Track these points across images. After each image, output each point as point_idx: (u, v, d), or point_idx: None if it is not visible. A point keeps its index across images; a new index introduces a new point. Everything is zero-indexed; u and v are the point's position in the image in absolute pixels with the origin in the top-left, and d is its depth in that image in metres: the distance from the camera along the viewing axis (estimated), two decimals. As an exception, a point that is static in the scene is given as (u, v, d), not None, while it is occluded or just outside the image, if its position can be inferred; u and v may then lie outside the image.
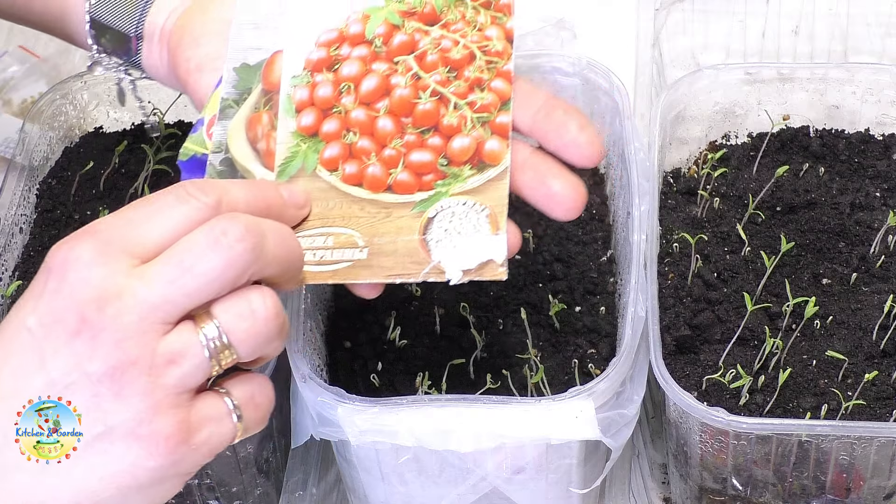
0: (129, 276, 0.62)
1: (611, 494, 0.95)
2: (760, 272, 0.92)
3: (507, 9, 0.80)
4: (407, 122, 0.77)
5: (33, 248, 0.97)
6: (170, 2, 0.84)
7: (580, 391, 0.79)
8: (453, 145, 0.76)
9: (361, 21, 0.80)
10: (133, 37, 0.85)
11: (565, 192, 0.74)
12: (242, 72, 0.80)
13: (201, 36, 0.81)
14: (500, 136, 0.76)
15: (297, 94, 0.79)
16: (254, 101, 0.79)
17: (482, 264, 0.73)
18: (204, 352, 0.62)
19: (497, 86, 0.77)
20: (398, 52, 0.79)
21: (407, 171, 0.76)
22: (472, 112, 0.77)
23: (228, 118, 0.79)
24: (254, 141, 0.78)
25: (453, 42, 0.79)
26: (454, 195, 0.75)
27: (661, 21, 1.17)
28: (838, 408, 0.84)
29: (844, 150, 1.01)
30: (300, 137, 0.78)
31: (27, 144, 1.00)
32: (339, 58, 0.79)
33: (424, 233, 0.74)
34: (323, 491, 0.96)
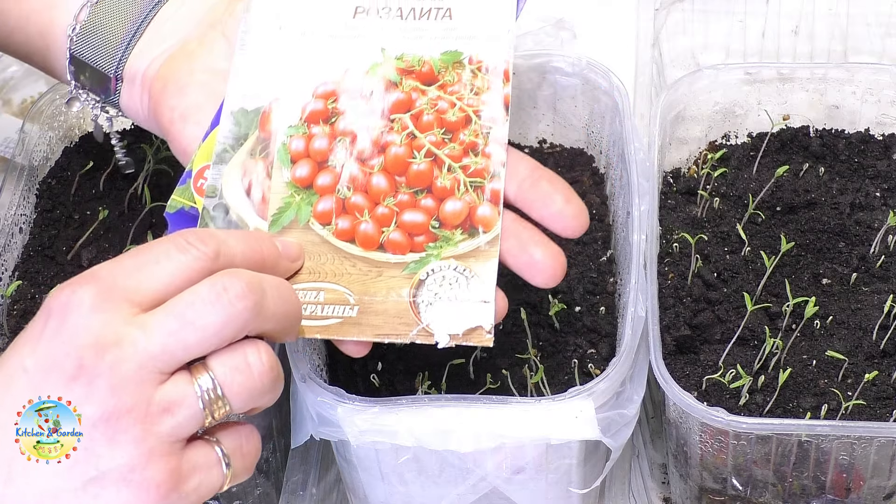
0: (129, 324, 0.63)
1: (611, 494, 0.95)
2: (760, 272, 0.92)
3: (504, 74, 0.80)
4: (401, 182, 0.78)
5: (33, 248, 0.97)
6: (153, 47, 0.83)
7: (580, 391, 0.79)
8: (446, 208, 0.77)
9: (359, 76, 0.81)
10: (112, 77, 0.84)
11: (546, 261, 0.75)
12: (240, 116, 0.80)
13: (187, 85, 0.81)
14: (493, 202, 0.77)
15: (293, 143, 0.79)
16: (250, 146, 0.79)
17: (470, 330, 0.74)
18: (198, 403, 0.64)
19: (491, 151, 0.78)
20: (395, 109, 0.80)
21: (399, 231, 0.77)
22: (466, 176, 0.77)
23: (224, 163, 0.79)
24: (248, 188, 0.78)
25: (450, 104, 0.79)
26: (445, 259, 0.76)
27: (661, 21, 1.17)
28: (838, 408, 0.84)
29: (844, 150, 1.01)
30: (294, 188, 0.78)
31: (27, 144, 1.00)
32: (336, 111, 0.80)
33: (415, 295, 0.75)
34: (323, 491, 0.96)
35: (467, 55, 0.80)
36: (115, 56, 0.84)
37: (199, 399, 0.63)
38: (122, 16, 0.84)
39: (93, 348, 0.62)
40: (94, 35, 0.84)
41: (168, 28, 0.84)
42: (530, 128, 1.03)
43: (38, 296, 0.93)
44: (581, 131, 1.02)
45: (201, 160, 0.79)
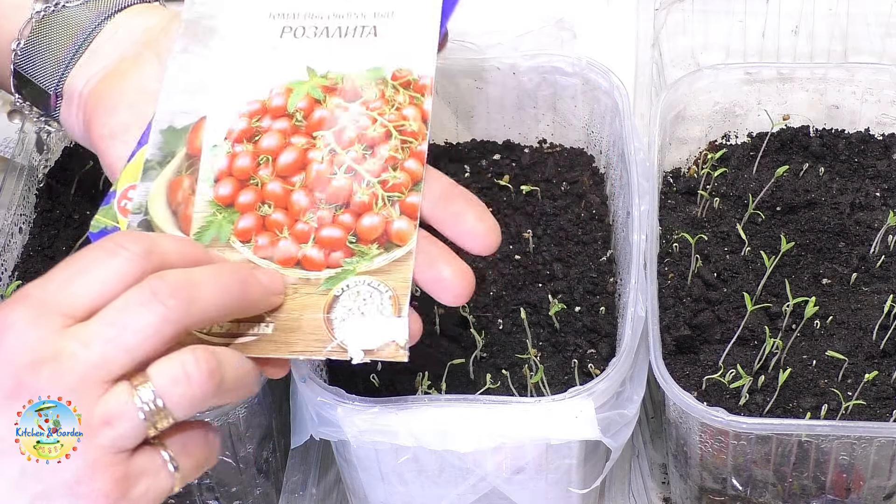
0: (65, 337, 0.63)
1: (611, 494, 0.95)
2: (760, 272, 0.92)
3: (425, 90, 0.81)
4: (321, 198, 0.78)
5: (33, 248, 0.97)
6: (90, 66, 0.83)
7: (580, 391, 0.79)
8: (363, 223, 0.77)
9: (284, 94, 0.81)
10: (52, 94, 0.84)
11: (454, 279, 0.75)
12: (168, 134, 0.80)
13: (117, 105, 0.81)
14: (409, 216, 0.77)
15: (216, 163, 0.79)
16: (177, 164, 0.80)
17: (384, 345, 0.74)
18: (139, 414, 0.63)
19: (410, 166, 0.78)
20: (317, 126, 0.80)
21: (316, 247, 0.77)
22: (384, 191, 0.78)
23: (151, 180, 0.79)
24: (174, 205, 0.79)
25: (371, 120, 0.80)
26: (360, 274, 0.76)
27: (661, 21, 1.17)
28: (838, 408, 0.84)
29: (844, 150, 1.01)
30: (216, 207, 0.78)
31: (27, 144, 1.00)
32: (260, 129, 0.80)
33: (329, 311, 0.75)
34: (323, 491, 0.96)
35: (390, 71, 0.81)
36: (56, 74, 0.84)
37: (140, 411, 0.63)
38: (64, 34, 0.84)
39: (30, 366, 0.62)
40: (37, 52, 0.84)
41: (108, 47, 0.84)
42: (530, 128, 1.03)
43: (38, 296, 0.93)
44: (581, 131, 1.02)
45: (126, 180, 0.79)
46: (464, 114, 1.03)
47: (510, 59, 0.99)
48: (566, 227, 0.97)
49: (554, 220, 0.97)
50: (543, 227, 0.97)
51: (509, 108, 1.02)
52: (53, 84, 0.84)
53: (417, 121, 0.80)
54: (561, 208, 0.98)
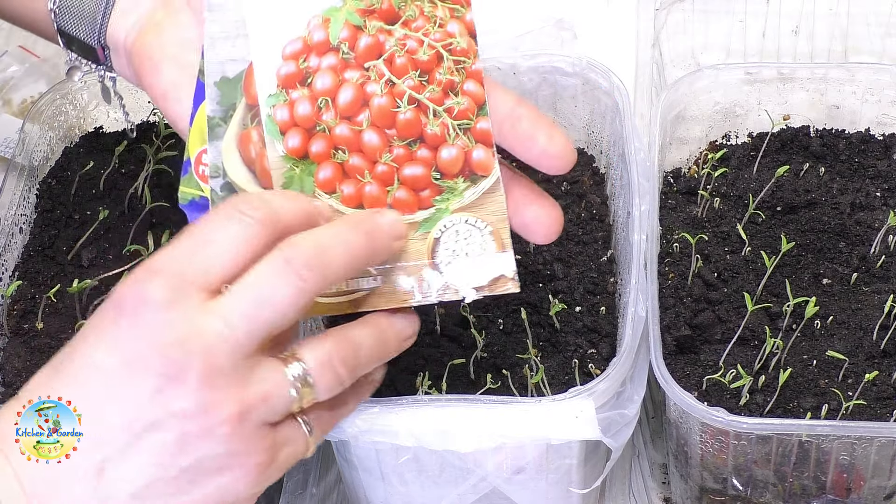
0: (207, 313, 0.63)
1: (611, 494, 0.95)
2: (761, 272, 0.92)
3: (464, 0, 0.78)
4: (391, 134, 0.76)
5: (33, 248, 0.97)
6: (126, 18, 0.83)
7: (580, 391, 0.79)
8: (442, 156, 0.76)
9: (323, 26, 0.78)
10: (99, 47, 0.84)
11: (543, 220, 0.76)
12: (223, 86, 0.78)
13: (160, 62, 0.80)
14: (484, 143, 0.76)
15: (277, 114, 0.77)
16: (240, 116, 0.78)
17: (494, 280, 0.74)
18: (291, 392, 0.65)
19: (470, 89, 0.77)
20: (366, 56, 0.77)
21: (404, 189, 0.76)
22: (452, 119, 0.76)
23: (219, 138, 0.77)
24: (248, 161, 0.77)
25: (418, 42, 0.77)
26: (455, 212, 0.75)
27: (661, 21, 1.17)
28: (839, 408, 0.84)
29: (844, 150, 1.01)
30: (291, 161, 0.76)
31: (27, 144, 1.00)
32: (310, 70, 0.77)
33: (433, 256, 0.75)
34: (323, 491, 0.96)
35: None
36: (94, 28, 0.84)
37: (293, 388, 0.65)
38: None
39: (178, 345, 0.62)
40: (71, 8, 0.84)
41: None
42: (530, 128, 1.03)
43: (38, 296, 0.93)
44: (581, 131, 1.02)
45: (195, 146, 0.78)
46: (464, 114, 1.03)
47: (510, 59, 0.99)
48: (566, 227, 0.96)
49: (554, 220, 0.97)
50: (544, 227, 0.97)
51: (509, 108, 1.02)
52: (95, 38, 0.84)
53: (465, 36, 0.77)
54: (561, 208, 0.98)
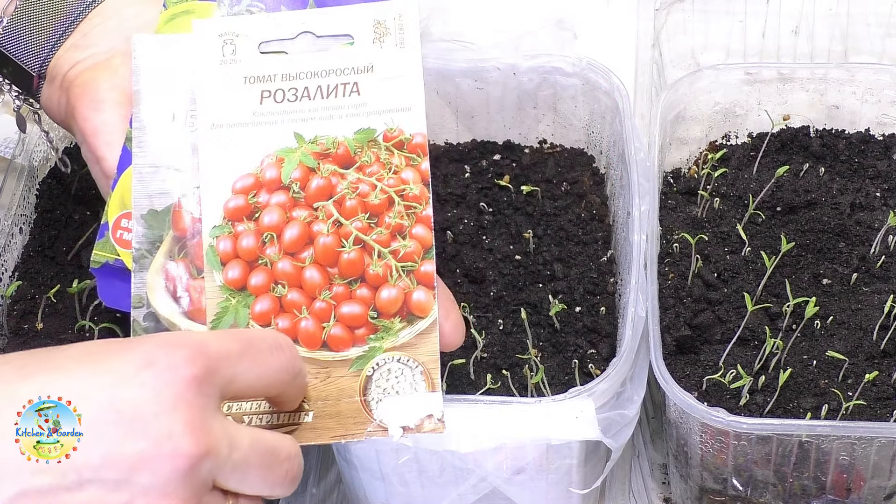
0: (217, 422, 0.62)
1: (611, 494, 0.95)
2: (760, 272, 0.92)
3: (420, 149, 0.80)
4: (333, 273, 0.77)
5: (33, 248, 0.97)
6: (78, 52, 0.82)
7: (580, 391, 0.79)
8: (381, 297, 0.77)
9: (276, 165, 0.79)
10: (35, 76, 0.84)
11: (450, 333, 0.79)
12: (150, 219, 0.79)
13: (103, 101, 0.80)
14: (426, 286, 0.77)
15: (220, 245, 0.78)
16: (167, 248, 0.78)
17: (422, 420, 0.75)
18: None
19: (418, 233, 0.78)
20: (317, 197, 0.78)
21: (339, 326, 0.77)
22: (397, 261, 0.77)
23: (144, 269, 0.78)
24: (173, 292, 0.78)
25: (370, 186, 0.79)
26: (388, 350, 0.76)
27: (661, 21, 1.17)
28: (839, 408, 0.84)
29: (844, 150, 1.01)
30: (229, 291, 0.77)
31: (27, 144, 1.00)
32: (259, 205, 0.78)
33: (364, 393, 0.76)
34: (323, 491, 0.96)
35: (380, 132, 0.80)
36: (41, 55, 0.83)
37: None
38: (50, 13, 0.83)
39: (188, 432, 0.61)
40: (21, 31, 0.83)
41: (97, 34, 0.83)
42: (530, 128, 1.03)
43: (38, 296, 0.93)
44: (581, 131, 1.02)
45: (115, 211, 0.79)
46: (464, 114, 1.03)
47: (510, 59, 0.99)
48: (566, 228, 0.97)
49: (554, 221, 0.97)
50: (544, 227, 0.97)
51: (509, 109, 1.02)
52: (37, 65, 0.83)
53: (418, 184, 0.79)
54: (561, 208, 0.98)
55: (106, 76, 0.81)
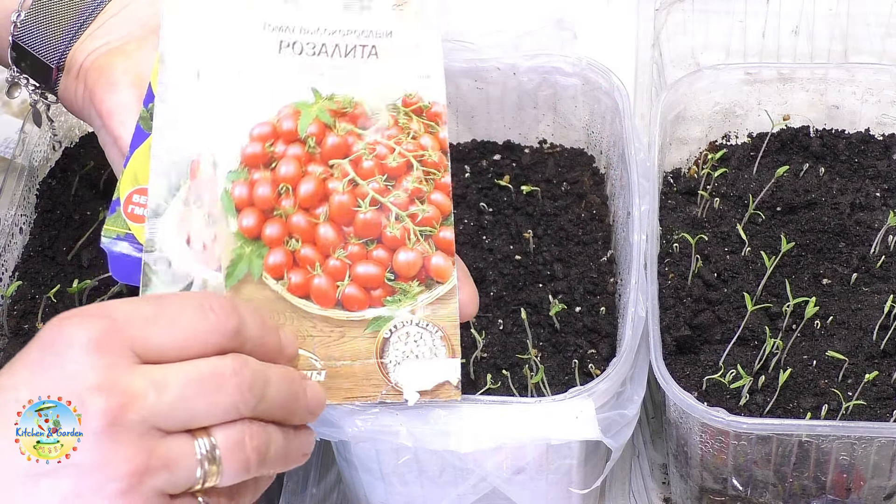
0: (136, 374, 0.62)
1: (611, 494, 0.95)
2: (760, 272, 0.92)
3: (438, 118, 0.79)
4: (348, 231, 0.76)
5: (33, 248, 0.97)
6: (95, 40, 0.83)
7: (580, 391, 0.79)
8: (399, 259, 0.76)
9: (293, 117, 0.78)
10: (54, 68, 0.84)
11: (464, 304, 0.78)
12: (169, 168, 0.78)
13: (118, 82, 0.80)
14: (445, 251, 0.76)
15: (235, 190, 0.77)
16: (183, 196, 0.78)
17: (438, 385, 0.75)
18: (196, 467, 0.63)
19: (437, 199, 0.77)
20: (332, 154, 0.78)
21: (354, 286, 0.76)
22: (415, 225, 0.76)
23: (159, 216, 0.77)
24: (188, 238, 0.77)
25: (388, 148, 0.78)
26: (409, 318, 0.75)
27: (661, 21, 1.17)
28: (839, 408, 0.84)
29: (844, 150, 1.01)
30: (243, 240, 0.76)
31: (27, 144, 1.00)
32: (275, 155, 0.78)
33: (381, 355, 0.75)
34: (323, 491, 0.96)
35: (400, 96, 0.79)
36: (59, 47, 0.83)
37: (199, 464, 0.63)
38: (68, 7, 0.83)
39: (96, 391, 0.61)
40: (39, 24, 0.83)
41: (112, 23, 0.83)
42: (530, 128, 1.03)
43: (38, 296, 0.93)
44: (581, 131, 1.02)
45: (127, 186, 0.78)
46: (464, 114, 1.03)
47: (510, 59, 0.99)
48: (566, 228, 0.97)
49: (554, 221, 0.97)
50: (544, 227, 0.97)
51: (509, 109, 1.02)
52: (56, 57, 0.83)
53: (437, 151, 0.78)
54: (561, 208, 0.98)
55: (120, 60, 0.81)
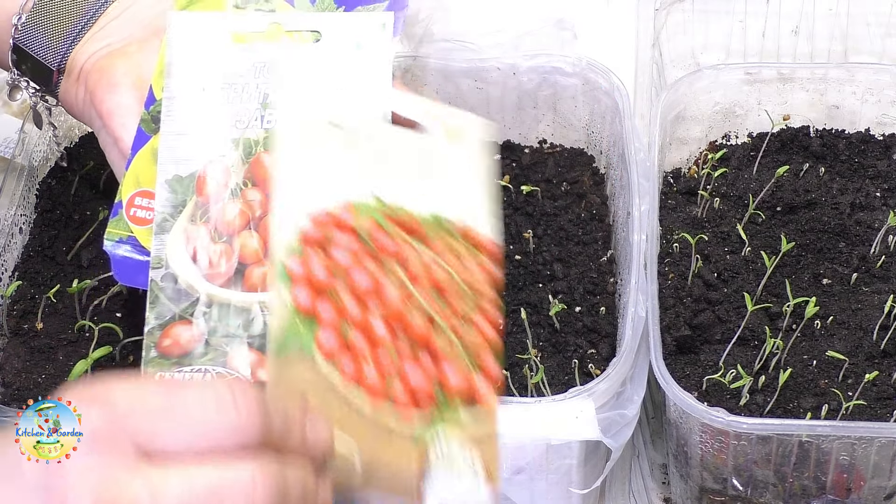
0: (135, 475, 0.55)
1: (611, 494, 0.95)
2: (760, 272, 0.92)
3: (492, 255, 0.76)
4: (398, 330, 0.73)
5: (33, 248, 0.97)
6: (95, 43, 0.83)
7: (580, 391, 0.79)
8: (446, 372, 0.73)
9: (349, 209, 0.75)
10: (55, 70, 0.84)
11: None
12: (175, 184, 0.79)
13: (119, 84, 0.80)
14: (489, 379, 0.73)
15: (290, 264, 0.73)
16: (189, 212, 0.78)
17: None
18: None
19: (486, 331, 0.74)
20: (386, 254, 0.75)
21: (403, 385, 0.72)
22: (461, 346, 0.73)
23: (166, 231, 0.78)
24: (193, 254, 0.78)
25: (438, 265, 0.75)
26: (453, 438, 0.72)
27: (661, 21, 1.17)
28: (839, 408, 0.84)
29: (844, 150, 1.01)
30: (296, 315, 0.72)
31: (27, 144, 1.00)
32: (333, 241, 0.74)
33: (423, 478, 0.73)
34: (323, 491, 0.96)
35: (451, 219, 0.76)
36: (60, 50, 0.83)
37: None
38: (68, 8, 0.83)
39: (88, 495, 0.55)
40: (40, 27, 0.83)
41: (114, 26, 0.83)
42: (530, 128, 1.03)
43: (38, 296, 0.93)
44: (581, 131, 1.02)
45: (129, 189, 0.79)
46: (464, 114, 1.03)
47: (510, 59, 0.99)
48: (566, 228, 0.96)
49: (554, 221, 0.97)
50: (544, 227, 0.97)
51: (509, 109, 1.02)
52: (57, 60, 0.84)
53: (484, 281, 0.75)
54: (561, 208, 0.98)
55: (121, 62, 0.81)
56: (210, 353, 0.76)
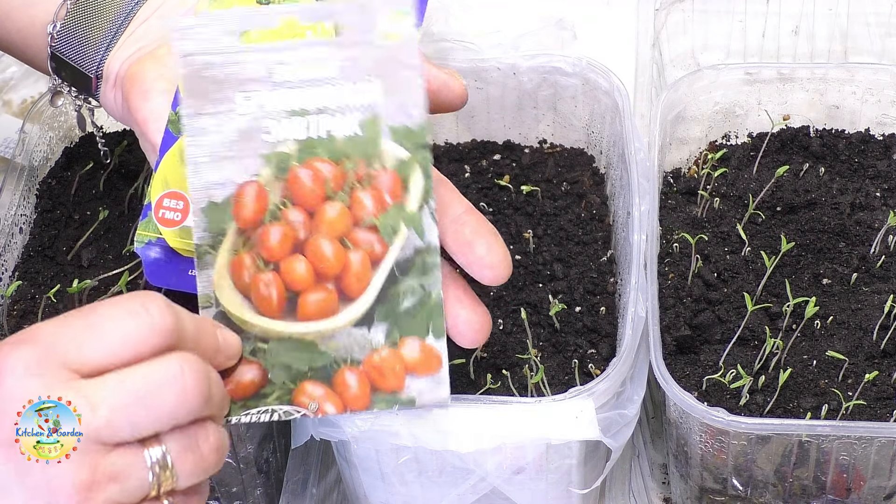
0: (69, 388, 0.61)
1: (611, 494, 0.95)
2: (760, 272, 0.92)
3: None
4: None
5: (33, 248, 0.97)
6: (127, 47, 0.83)
7: (580, 391, 0.79)
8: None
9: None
10: (93, 77, 0.84)
11: (466, 326, 0.76)
12: (210, 212, 0.75)
13: (151, 90, 0.79)
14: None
15: None
16: (230, 244, 0.75)
17: None
18: (148, 474, 0.63)
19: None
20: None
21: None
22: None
23: (209, 266, 0.74)
24: (243, 288, 0.75)
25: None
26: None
27: (661, 21, 1.17)
28: (839, 408, 0.84)
29: (844, 150, 1.01)
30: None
31: (27, 144, 1.00)
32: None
33: None
34: (323, 491, 0.96)
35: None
36: (96, 57, 0.83)
37: (149, 470, 0.63)
38: (100, 17, 0.84)
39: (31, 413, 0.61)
40: (75, 34, 0.84)
41: (143, 29, 0.83)
42: (530, 128, 1.03)
43: (38, 296, 0.93)
44: (581, 131, 1.02)
45: (157, 191, 0.77)
46: (464, 114, 1.03)
47: (510, 59, 0.99)
48: (566, 228, 0.97)
49: (554, 221, 0.97)
50: (544, 227, 0.97)
51: (509, 109, 1.02)
52: (94, 67, 0.84)
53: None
54: (561, 208, 0.98)
55: (152, 66, 0.81)
56: (275, 391, 0.74)
